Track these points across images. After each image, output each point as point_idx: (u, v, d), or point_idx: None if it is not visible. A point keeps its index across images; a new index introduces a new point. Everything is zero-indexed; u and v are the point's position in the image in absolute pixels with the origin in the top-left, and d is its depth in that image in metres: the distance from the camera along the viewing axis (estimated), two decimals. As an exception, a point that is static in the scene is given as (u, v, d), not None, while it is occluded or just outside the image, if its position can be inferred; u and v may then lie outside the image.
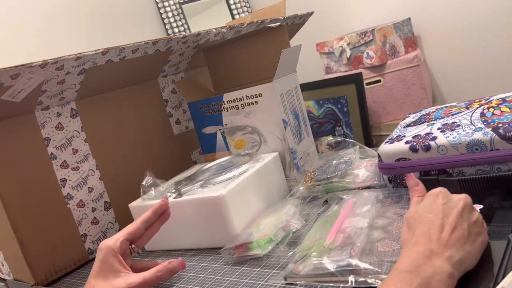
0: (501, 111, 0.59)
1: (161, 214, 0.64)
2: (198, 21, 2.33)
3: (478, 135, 0.56)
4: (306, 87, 1.89)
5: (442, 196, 0.46)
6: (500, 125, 0.55)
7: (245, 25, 0.92)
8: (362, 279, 0.47)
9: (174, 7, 2.28)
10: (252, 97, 0.81)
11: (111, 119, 0.86)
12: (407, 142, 0.62)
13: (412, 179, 0.54)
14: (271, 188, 0.78)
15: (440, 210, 0.44)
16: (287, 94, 0.82)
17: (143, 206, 0.74)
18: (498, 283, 0.37)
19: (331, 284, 0.49)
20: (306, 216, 0.70)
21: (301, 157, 0.84)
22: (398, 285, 0.38)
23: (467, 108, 0.64)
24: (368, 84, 1.79)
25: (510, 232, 0.48)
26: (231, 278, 0.58)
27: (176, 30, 2.28)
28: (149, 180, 0.77)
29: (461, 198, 0.46)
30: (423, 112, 0.72)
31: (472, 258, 0.42)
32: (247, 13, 2.31)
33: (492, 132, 0.55)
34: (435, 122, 0.64)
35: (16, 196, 0.71)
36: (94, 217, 0.81)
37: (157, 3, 2.26)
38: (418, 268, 0.39)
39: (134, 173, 0.87)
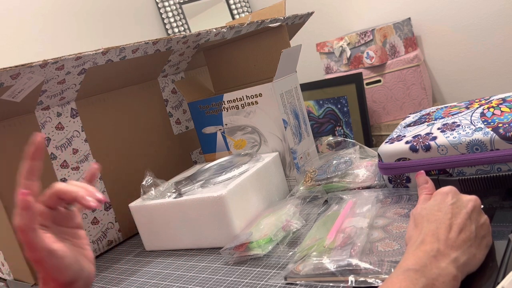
0: (501, 111, 0.59)
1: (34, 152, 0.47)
2: (198, 21, 2.33)
3: (478, 135, 0.56)
4: (306, 87, 1.89)
5: (452, 195, 0.46)
6: (500, 125, 0.55)
7: (245, 25, 0.92)
8: (362, 278, 0.47)
9: (174, 7, 2.28)
10: (252, 97, 0.81)
11: (111, 119, 0.86)
12: (407, 142, 0.62)
13: (422, 176, 0.53)
14: (271, 188, 0.78)
15: (449, 210, 0.44)
16: (287, 94, 0.82)
17: (143, 206, 0.74)
18: (498, 283, 0.37)
19: (331, 284, 0.49)
20: (306, 216, 0.70)
21: (301, 157, 0.84)
22: (403, 284, 0.38)
23: (467, 108, 0.64)
24: (368, 84, 1.79)
25: (510, 232, 0.48)
26: (231, 278, 0.58)
27: (176, 30, 2.28)
28: (149, 180, 0.77)
29: (471, 200, 0.45)
30: (423, 112, 0.72)
31: (476, 261, 0.42)
32: (247, 13, 2.31)
33: (492, 132, 0.55)
34: (435, 122, 0.64)
35: (16, 196, 0.71)
36: (94, 217, 0.81)
37: (157, 3, 2.26)
38: (424, 268, 0.39)
39: (134, 173, 0.87)
